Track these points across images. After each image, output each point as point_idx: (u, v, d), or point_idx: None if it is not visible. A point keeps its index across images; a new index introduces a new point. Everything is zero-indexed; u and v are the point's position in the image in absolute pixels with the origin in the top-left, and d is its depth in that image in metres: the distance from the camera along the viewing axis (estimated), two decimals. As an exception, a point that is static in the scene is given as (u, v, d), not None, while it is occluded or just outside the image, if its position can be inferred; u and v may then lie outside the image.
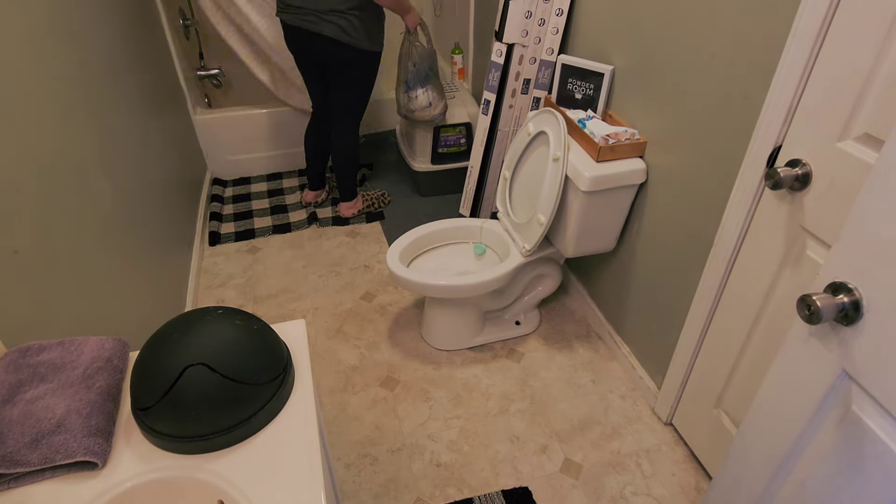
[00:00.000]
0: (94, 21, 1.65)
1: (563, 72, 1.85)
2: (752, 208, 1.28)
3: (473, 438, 1.72)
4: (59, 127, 1.30)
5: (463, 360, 1.98)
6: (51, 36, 1.34)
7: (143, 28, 2.18)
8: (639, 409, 1.81)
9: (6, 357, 0.84)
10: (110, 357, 0.85)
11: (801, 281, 1.19)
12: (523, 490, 1.57)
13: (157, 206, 1.97)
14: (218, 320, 0.80)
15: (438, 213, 2.74)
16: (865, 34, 0.96)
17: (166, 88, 2.41)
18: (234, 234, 2.60)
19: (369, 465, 1.65)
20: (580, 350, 2.03)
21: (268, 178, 3.03)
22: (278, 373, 0.82)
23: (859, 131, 1.01)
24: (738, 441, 1.05)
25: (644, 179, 1.65)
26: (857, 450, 0.79)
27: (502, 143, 2.22)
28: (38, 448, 0.72)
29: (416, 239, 1.95)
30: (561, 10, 1.88)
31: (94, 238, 1.39)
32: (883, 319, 0.73)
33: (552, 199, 1.67)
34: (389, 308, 2.21)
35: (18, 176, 1.09)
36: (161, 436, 0.76)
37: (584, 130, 1.65)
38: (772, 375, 0.94)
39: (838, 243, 0.78)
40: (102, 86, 1.62)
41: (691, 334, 1.55)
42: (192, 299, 2.19)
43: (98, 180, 1.47)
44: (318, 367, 1.96)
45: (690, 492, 1.57)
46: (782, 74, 1.12)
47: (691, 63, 1.39)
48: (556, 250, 1.90)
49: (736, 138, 1.30)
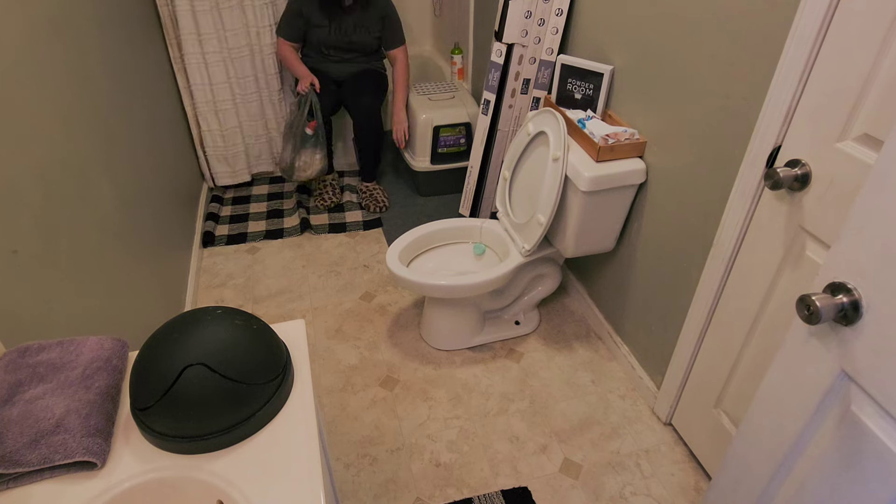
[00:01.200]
0: (95, 21, 1.65)
1: (562, 72, 1.85)
2: (752, 208, 1.28)
3: (473, 438, 1.72)
4: (59, 127, 1.30)
5: (462, 360, 1.98)
6: (51, 36, 1.33)
7: (143, 28, 2.18)
8: (638, 410, 1.81)
9: (5, 357, 0.84)
10: (109, 357, 0.85)
11: (800, 281, 1.19)
12: (523, 490, 1.57)
13: (156, 206, 1.97)
14: (217, 320, 0.80)
15: (438, 213, 2.74)
16: (865, 34, 0.96)
17: (167, 88, 2.41)
18: (227, 238, 2.59)
19: (369, 465, 1.65)
20: (580, 350, 2.03)
21: (270, 181, 3.02)
22: (277, 373, 0.82)
23: (859, 131, 1.01)
24: (737, 441, 1.05)
25: (643, 179, 1.65)
26: (856, 450, 0.79)
27: (502, 143, 2.22)
28: (37, 448, 0.72)
29: (415, 239, 1.95)
30: (560, 10, 1.89)
31: (94, 238, 1.39)
32: (882, 320, 0.73)
33: (552, 199, 1.67)
34: (389, 308, 2.21)
35: (18, 176, 1.09)
36: (160, 436, 0.76)
37: (584, 130, 1.65)
38: (771, 375, 0.94)
39: (837, 243, 0.78)
40: (103, 85, 1.61)
41: (691, 334, 1.55)
42: (192, 299, 2.19)
43: (98, 180, 1.47)
44: (318, 367, 1.96)
45: (690, 492, 1.57)
46: (782, 74, 1.12)
47: (691, 63, 1.39)
48: (555, 250, 1.90)
49: (735, 138, 1.30)
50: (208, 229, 2.58)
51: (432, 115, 2.66)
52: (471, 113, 2.71)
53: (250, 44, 2.60)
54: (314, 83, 2.50)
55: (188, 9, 2.40)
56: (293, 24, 2.51)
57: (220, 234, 2.61)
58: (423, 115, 2.67)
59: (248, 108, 2.76)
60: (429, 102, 2.75)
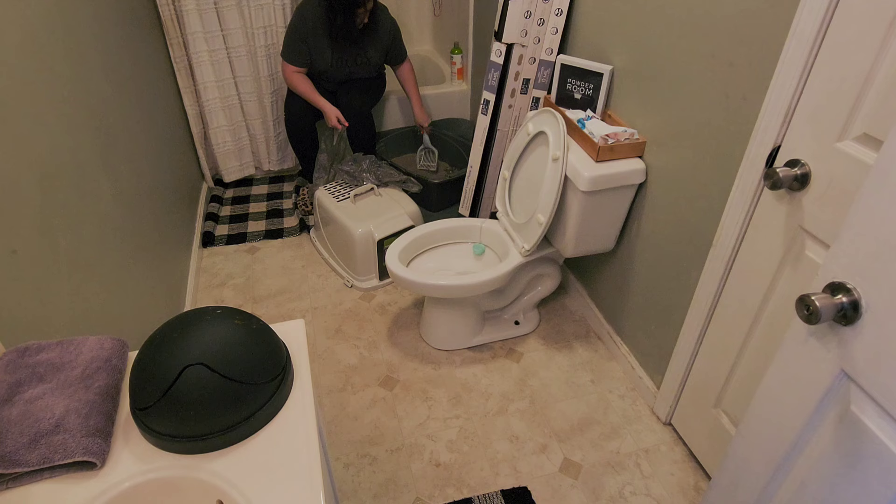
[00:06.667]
0: (95, 22, 1.64)
1: (562, 72, 1.85)
2: (752, 208, 1.28)
3: (472, 438, 1.72)
4: (59, 127, 1.30)
5: (462, 360, 1.98)
6: (51, 36, 1.33)
7: (143, 28, 2.18)
8: (638, 409, 1.81)
9: (5, 357, 0.84)
10: (109, 357, 0.85)
11: (800, 281, 1.19)
12: (522, 490, 1.57)
13: (156, 206, 1.97)
14: (217, 320, 0.80)
15: (438, 214, 2.73)
16: (864, 34, 0.96)
17: (167, 89, 2.41)
18: (227, 237, 2.59)
19: (368, 464, 1.65)
20: (579, 350, 2.03)
21: (270, 181, 3.02)
22: (277, 372, 0.82)
23: (858, 131, 1.01)
24: (737, 441, 1.05)
25: (643, 179, 1.65)
26: (855, 450, 0.79)
27: (501, 142, 2.22)
28: (37, 448, 0.72)
29: (415, 239, 1.95)
30: (560, 9, 1.88)
31: (94, 237, 1.39)
32: (882, 319, 0.73)
33: (551, 199, 1.67)
34: (389, 308, 2.21)
35: (18, 175, 1.09)
36: (160, 435, 0.76)
37: (584, 130, 1.65)
38: (771, 375, 0.94)
39: (837, 243, 0.78)
40: (103, 86, 1.61)
41: (690, 334, 1.55)
42: (192, 299, 2.19)
43: (98, 180, 1.47)
44: (318, 367, 1.96)
45: (689, 491, 1.58)
46: (781, 74, 1.12)
47: (690, 63, 1.39)
48: (555, 250, 1.90)
49: (735, 138, 1.30)
50: (208, 229, 2.58)
51: (370, 227, 2.21)
52: (410, 212, 2.31)
53: (247, 44, 2.62)
54: (340, 118, 2.44)
55: (194, 7, 2.42)
56: (298, 49, 2.41)
57: (220, 233, 2.61)
58: (358, 230, 2.19)
59: (248, 106, 2.78)
60: (355, 208, 2.27)
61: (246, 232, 2.63)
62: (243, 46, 2.61)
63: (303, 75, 2.48)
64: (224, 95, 2.69)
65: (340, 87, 2.59)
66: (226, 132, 2.78)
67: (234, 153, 2.86)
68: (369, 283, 2.30)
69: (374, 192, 2.38)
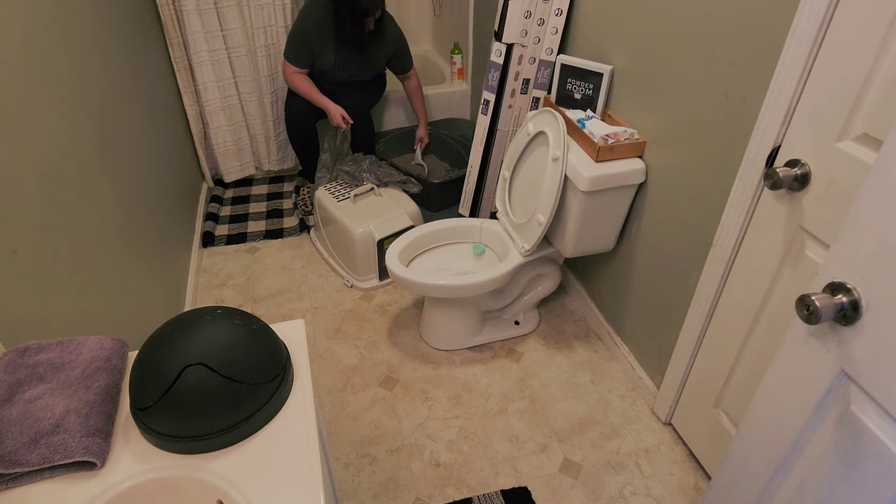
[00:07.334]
0: (95, 22, 1.64)
1: (562, 72, 1.85)
2: (751, 208, 1.28)
3: (472, 438, 1.72)
4: (59, 127, 1.30)
5: (462, 360, 1.98)
6: (51, 36, 1.33)
7: (143, 29, 2.18)
8: (638, 409, 1.81)
9: (5, 357, 0.84)
10: (109, 357, 0.85)
11: (799, 281, 1.19)
12: (522, 490, 1.57)
13: (156, 206, 1.97)
14: (217, 320, 0.80)
15: (438, 214, 2.73)
16: (864, 34, 0.96)
17: (167, 89, 2.41)
18: (227, 237, 2.58)
19: (368, 464, 1.65)
20: (579, 350, 2.03)
21: (270, 181, 3.02)
22: (277, 373, 0.82)
23: (858, 131, 1.01)
24: (736, 441, 1.05)
25: (643, 179, 1.65)
26: (855, 450, 0.79)
27: (501, 142, 2.22)
28: (37, 448, 0.72)
29: (415, 239, 1.95)
30: (560, 9, 1.88)
31: (94, 237, 1.39)
32: (882, 319, 0.73)
33: (551, 199, 1.67)
34: (389, 308, 2.21)
35: (18, 175, 1.09)
36: (160, 436, 0.76)
37: (584, 130, 1.65)
38: (771, 375, 0.94)
39: (837, 243, 0.78)
40: (103, 86, 1.61)
41: (690, 334, 1.55)
42: (192, 299, 2.19)
43: (98, 180, 1.47)
44: (318, 367, 1.96)
45: (689, 491, 1.58)
46: (781, 74, 1.12)
47: (690, 63, 1.39)
48: (555, 250, 1.90)
49: (735, 138, 1.30)
50: (208, 229, 2.58)
51: (370, 227, 2.21)
52: (410, 212, 2.30)
53: (247, 44, 2.62)
54: (345, 117, 2.42)
55: (193, 7, 2.42)
56: (302, 50, 2.39)
57: (220, 233, 2.61)
58: (358, 230, 2.19)
59: (248, 106, 2.78)
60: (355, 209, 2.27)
61: (246, 232, 2.63)
62: (243, 46, 2.62)
63: (304, 75, 2.48)
64: (224, 95, 2.69)
65: (340, 87, 2.58)
66: (226, 132, 2.78)
67: (234, 153, 2.87)
68: (369, 283, 2.30)
69: (374, 193, 2.38)
